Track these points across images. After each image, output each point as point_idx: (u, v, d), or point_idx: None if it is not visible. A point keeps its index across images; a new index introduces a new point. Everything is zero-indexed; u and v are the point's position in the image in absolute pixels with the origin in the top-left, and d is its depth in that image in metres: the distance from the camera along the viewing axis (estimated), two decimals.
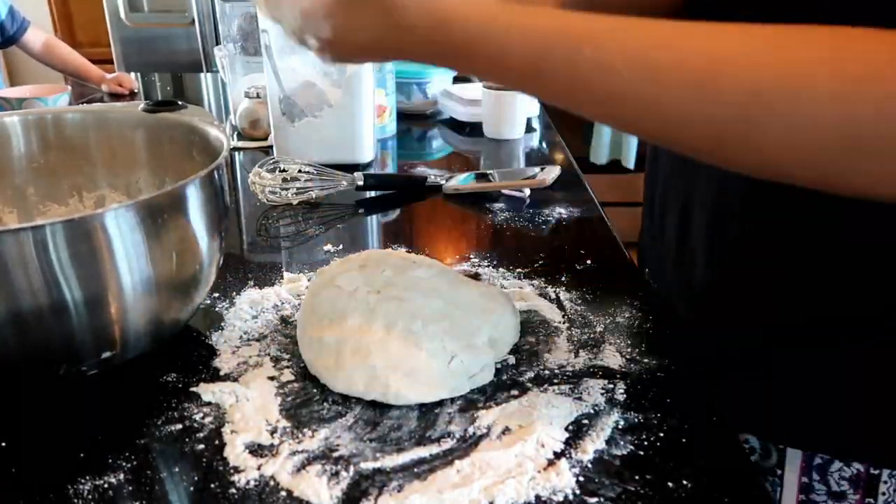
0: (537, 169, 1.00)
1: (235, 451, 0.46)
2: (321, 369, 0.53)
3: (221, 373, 0.55)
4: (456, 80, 1.53)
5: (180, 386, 0.53)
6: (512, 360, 0.57)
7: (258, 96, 1.19)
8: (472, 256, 0.76)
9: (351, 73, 1.03)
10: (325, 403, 0.52)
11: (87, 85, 1.84)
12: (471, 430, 0.49)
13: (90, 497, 0.43)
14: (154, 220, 0.48)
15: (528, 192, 0.95)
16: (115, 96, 1.71)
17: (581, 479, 0.44)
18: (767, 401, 0.53)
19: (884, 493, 0.51)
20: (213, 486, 0.44)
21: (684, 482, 0.44)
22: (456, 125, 1.38)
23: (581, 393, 0.53)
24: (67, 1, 3.03)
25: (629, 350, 0.58)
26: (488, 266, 0.74)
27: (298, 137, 1.06)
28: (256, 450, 0.47)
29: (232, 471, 0.45)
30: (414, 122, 1.40)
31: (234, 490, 0.43)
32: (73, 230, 0.44)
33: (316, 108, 1.04)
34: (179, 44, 2.86)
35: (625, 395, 0.52)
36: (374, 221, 0.92)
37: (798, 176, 0.35)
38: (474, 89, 1.37)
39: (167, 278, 0.51)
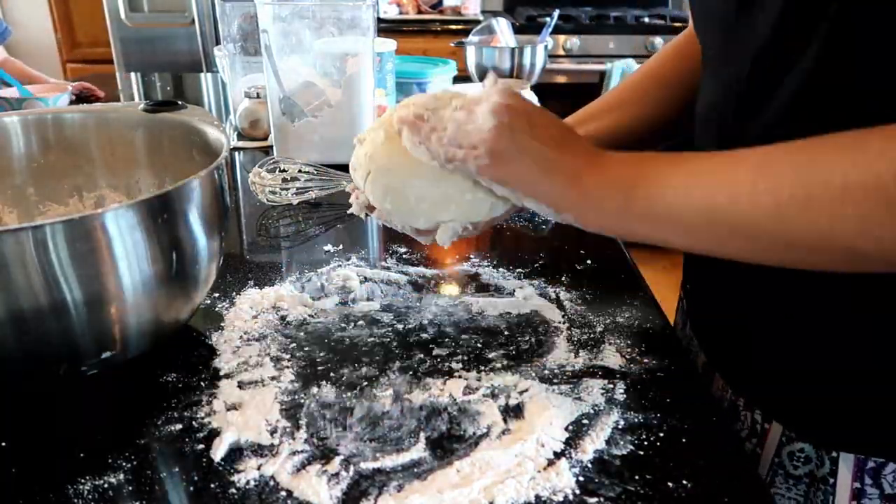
0: None
1: (235, 452, 0.46)
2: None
3: (221, 373, 0.55)
4: (456, 80, 1.53)
5: (180, 386, 0.53)
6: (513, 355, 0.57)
7: (258, 96, 1.19)
8: (472, 256, 0.76)
9: (351, 73, 1.03)
10: (325, 403, 0.52)
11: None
12: (471, 430, 0.49)
13: (90, 497, 0.43)
14: (154, 220, 0.48)
15: None
16: (84, 99, 1.64)
17: (581, 479, 0.44)
18: (820, 407, 0.53)
19: None
20: (213, 486, 0.44)
21: (684, 482, 0.44)
22: None
23: (581, 393, 0.53)
24: (67, 1, 3.03)
25: (629, 350, 0.58)
26: (488, 266, 0.74)
27: (298, 137, 1.06)
28: (256, 450, 0.47)
29: (232, 471, 0.45)
30: None
31: (234, 490, 0.43)
32: (73, 230, 0.44)
33: (316, 109, 1.04)
34: (179, 44, 2.85)
35: (625, 395, 0.52)
36: (374, 221, 0.92)
37: None
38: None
39: (167, 278, 0.51)
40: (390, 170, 0.54)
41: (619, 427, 0.49)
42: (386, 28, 2.71)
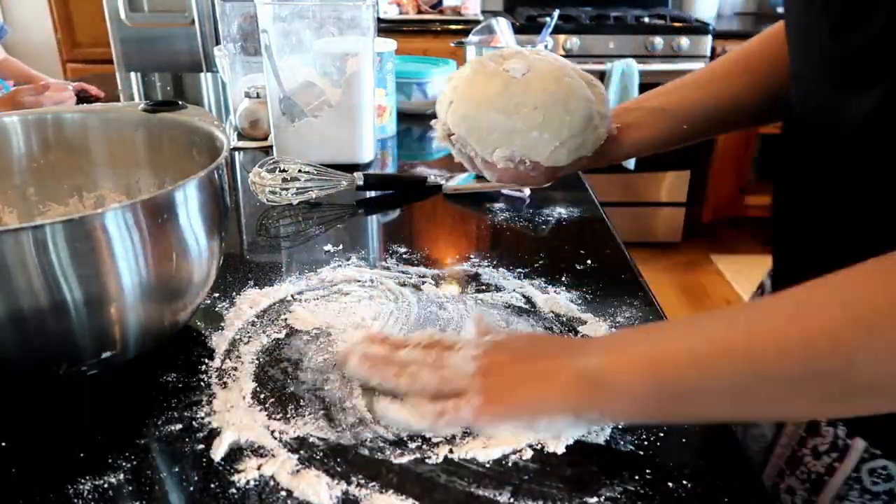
0: None
1: (235, 452, 0.46)
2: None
3: (221, 373, 0.55)
4: None
5: (180, 386, 0.53)
6: None
7: (258, 96, 1.19)
8: (472, 256, 0.76)
9: (351, 73, 1.03)
10: (326, 403, 0.52)
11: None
12: (472, 429, 0.49)
13: (90, 497, 0.43)
14: (154, 220, 0.48)
15: (528, 192, 0.95)
16: (84, 100, 1.64)
17: (581, 478, 0.44)
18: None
19: None
20: (213, 486, 0.44)
21: (684, 482, 0.44)
22: None
23: None
24: (67, 1, 3.03)
25: None
26: (488, 266, 0.74)
27: (298, 137, 1.06)
28: (256, 450, 0.47)
29: (232, 471, 0.45)
30: (414, 122, 1.40)
31: (234, 490, 0.43)
32: (73, 230, 0.44)
33: (316, 108, 1.04)
34: (179, 44, 2.85)
35: None
36: (374, 221, 0.92)
37: None
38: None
39: (167, 278, 0.51)
40: (470, 99, 0.63)
41: (619, 427, 0.49)
42: (386, 28, 2.71)
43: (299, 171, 0.91)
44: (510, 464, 0.46)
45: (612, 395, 0.42)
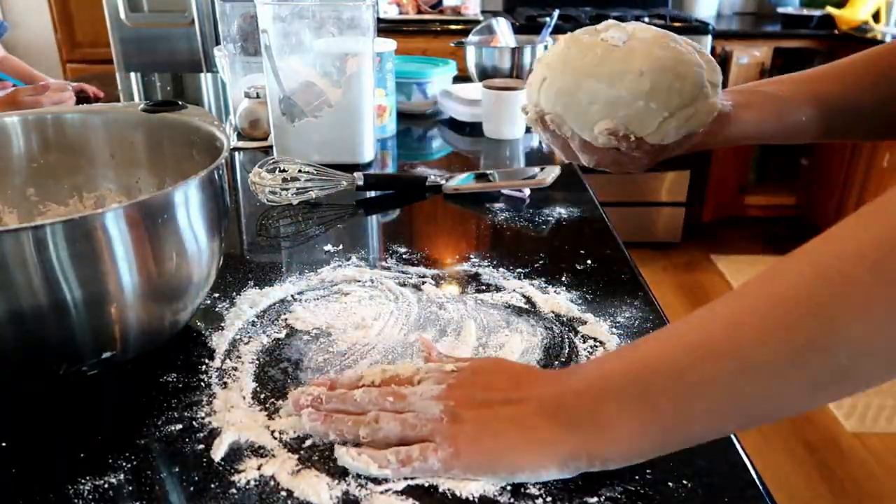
0: (537, 169, 1.00)
1: (235, 452, 0.46)
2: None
3: (221, 373, 0.55)
4: (456, 80, 1.53)
5: (180, 386, 0.53)
6: None
7: (258, 96, 1.19)
8: (472, 256, 0.76)
9: (351, 73, 1.03)
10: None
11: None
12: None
13: (90, 497, 0.43)
14: (154, 219, 0.48)
15: (528, 192, 0.95)
16: (83, 100, 1.63)
17: (581, 478, 0.44)
18: None
19: None
20: (213, 486, 0.44)
21: (684, 482, 0.44)
22: (456, 125, 1.38)
23: None
24: (67, 1, 3.03)
25: None
26: (488, 266, 0.74)
27: (298, 137, 1.06)
28: (256, 450, 0.47)
29: (232, 471, 0.45)
30: (414, 122, 1.40)
31: (234, 490, 0.43)
32: (73, 230, 0.44)
33: (316, 108, 1.04)
34: (179, 44, 2.86)
35: None
36: (374, 221, 0.92)
37: None
38: (474, 89, 1.37)
39: (167, 278, 0.51)
40: (565, 72, 0.57)
41: None
42: (386, 28, 2.71)
43: (299, 171, 0.91)
44: None
45: (602, 437, 0.40)
